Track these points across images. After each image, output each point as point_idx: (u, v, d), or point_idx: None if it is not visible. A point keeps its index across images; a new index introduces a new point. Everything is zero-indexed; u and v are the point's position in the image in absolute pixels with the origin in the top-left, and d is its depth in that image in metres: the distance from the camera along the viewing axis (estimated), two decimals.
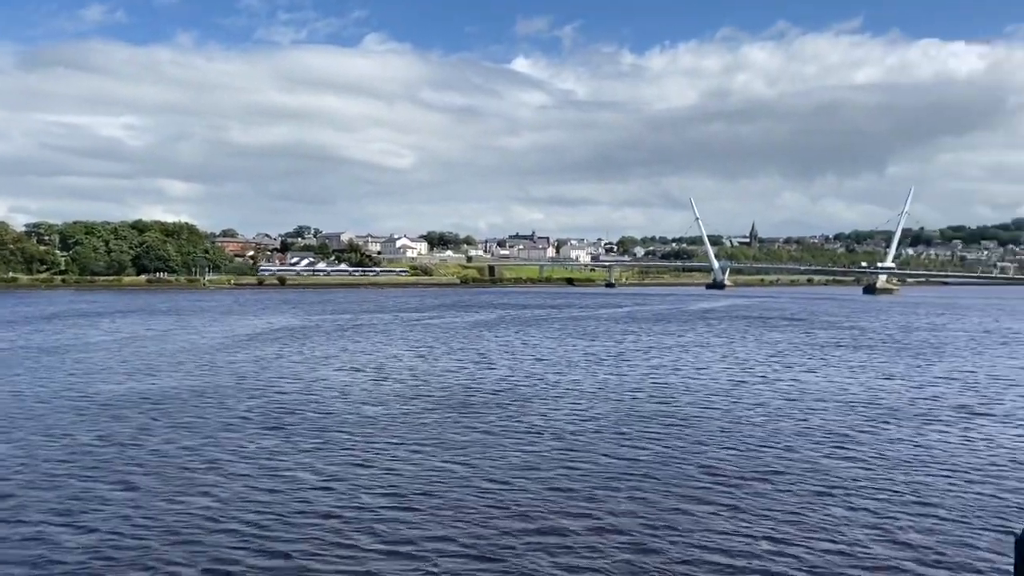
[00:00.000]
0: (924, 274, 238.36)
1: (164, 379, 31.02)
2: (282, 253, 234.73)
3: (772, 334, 57.44)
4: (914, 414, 24.00)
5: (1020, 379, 32.66)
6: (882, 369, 35.78)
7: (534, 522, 13.31)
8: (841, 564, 11.55)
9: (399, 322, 68.94)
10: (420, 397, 26.88)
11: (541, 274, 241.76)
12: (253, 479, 15.96)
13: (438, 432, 20.85)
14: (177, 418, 22.60)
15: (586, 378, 31.93)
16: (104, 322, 65.55)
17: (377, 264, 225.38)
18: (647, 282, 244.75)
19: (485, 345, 46.82)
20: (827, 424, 22.24)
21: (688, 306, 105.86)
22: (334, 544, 12.26)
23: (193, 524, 13.13)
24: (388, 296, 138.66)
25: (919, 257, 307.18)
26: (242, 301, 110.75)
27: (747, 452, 18.68)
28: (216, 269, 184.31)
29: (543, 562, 11.56)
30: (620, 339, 52.00)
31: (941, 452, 18.82)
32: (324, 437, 20.12)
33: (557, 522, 13.31)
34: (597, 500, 14.60)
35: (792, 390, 28.86)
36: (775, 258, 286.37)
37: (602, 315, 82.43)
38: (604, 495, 14.92)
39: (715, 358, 40.10)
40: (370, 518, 13.50)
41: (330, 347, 45.23)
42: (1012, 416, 23.85)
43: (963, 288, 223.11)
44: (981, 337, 55.94)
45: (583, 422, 22.34)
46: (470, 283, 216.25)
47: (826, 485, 15.77)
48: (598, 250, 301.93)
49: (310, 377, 31.87)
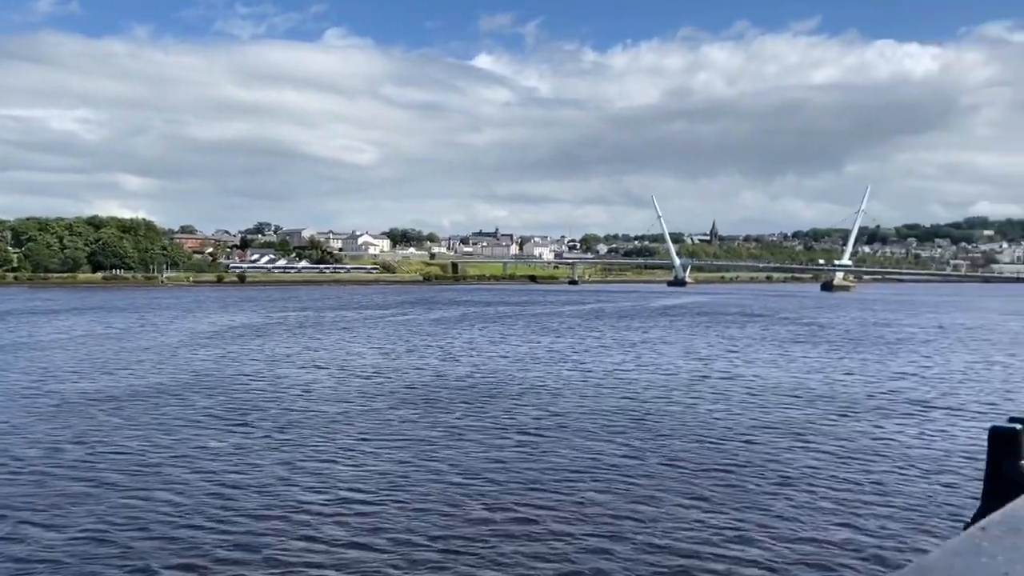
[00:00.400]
0: (880, 271, 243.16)
1: (123, 378, 30.53)
2: (242, 250, 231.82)
3: (732, 330, 58.21)
4: (871, 407, 24.53)
5: (972, 373, 33.53)
6: (840, 364, 36.48)
7: (502, 515, 13.39)
8: (803, 550, 11.81)
9: (362, 319, 68.56)
10: (385, 394, 26.82)
11: (505, 271, 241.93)
12: (216, 476, 15.82)
13: (403, 428, 20.83)
14: (137, 417, 22.28)
15: (551, 374, 32.10)
16: (59, 320, 64.23)
17: (339, 261, 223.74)
18: (610, 279, 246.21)
19: (450, 342, 46.80)
20: (787, 418, 22.65)
21: (650, 303, 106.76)
22: (302, 538, 12.23)
23: (156, 522, 12.99)
24: (351, 293, 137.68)
25: (875, 255, 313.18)
26: (202, 299, 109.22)
27: (710, 445, 18.96)
28: (175, 266, 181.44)
29: (511, 554, 11.65)
30: (584, 335, 52.31)
31: (897, 444, 19.29)
32: (288, 434, 20.00)
33: (524, 515, 13.41)
34: (564, 493, 14.73)
35: (753, 385, 29.31)
36: (735, 256, 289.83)
37: (566, 312, 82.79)
38: (570, 488, 15.05)
39: (678, 354, 40.54)
40: (337, 513, 13.47)
41: (293, 344, 44.86)
42: (964, 409, 24.50)
43: (917, 285, 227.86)
44: (935, 333, 57.27)
45: (548, 417, 22.48)
46: (433, 280, 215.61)
47: (787, 476, 16.08)
48: (561, 248, 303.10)
49: (273, 375, 31.60)
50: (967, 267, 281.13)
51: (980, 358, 39.56)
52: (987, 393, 27.74)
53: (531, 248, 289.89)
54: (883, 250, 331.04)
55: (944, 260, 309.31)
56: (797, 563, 11.40)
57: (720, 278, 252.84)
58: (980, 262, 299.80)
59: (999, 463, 1.36)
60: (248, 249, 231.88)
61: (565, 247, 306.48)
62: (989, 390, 28.47)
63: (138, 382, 29.15)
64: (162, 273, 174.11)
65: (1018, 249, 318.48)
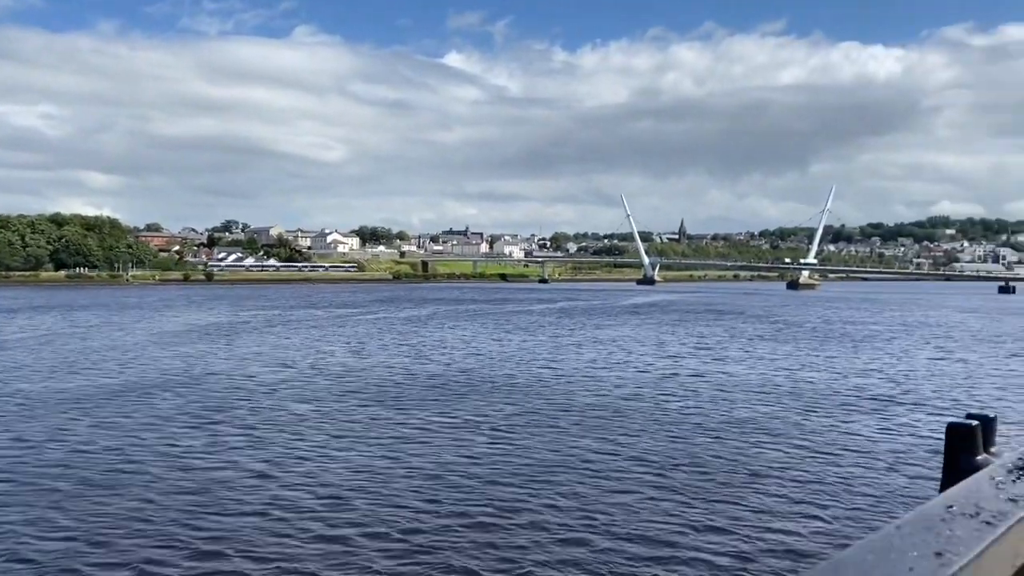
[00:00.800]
0: (844, 270, 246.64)
1: (91, 377, 30.14)
2: (209, 248, 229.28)
3: (701, 327, 58.80)
4: (837, 403, 24.98)
5: (934, 370, 34.23)
6: (806, 361, 37.05)
7: (472, 514, 13.48)
8: (771, 541, 12.05)
9: (333, 318, 68.22)
10: (356, 392, 26.77)
11: (475, 270, 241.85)
12: (188, 474, 15.73)
13: (376, 425, 20.84)
14: (106, 416, 22.04)
15: (521, 372, 32.24)
16: (22, 319, 63.14)
17: (308, 259, 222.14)
18: (580, 278, 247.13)
19: (420, 340, 46.75)
20: (755, 413, 23.00)
21: (620, 301, 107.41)
22: (276, 535, 12.22)
23: (128, 519, 12.90)
24: (320, 292, 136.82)
25: (840, 253, 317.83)
26: (168, 297, 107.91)
27: (680, 440, 19.20)
28: (140, 265, 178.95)
29: (481, 553, 11.75)
30: (555, 333, 52.54)
31: (861, 438, 19.69)
32: (259, 432, 19.91)
33: (495, 513, 13.51)
34: (534, 490, 14.85)
35: (722, 381, 29.67)
36: (703, 254, 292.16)
37: (536, 310, 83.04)
38: (541, 486, 15.19)
39: (648, 351, 40.89)
40: (305, 514, 13.47)
41: (263, 343, 44.54)
42: (926, 405, 25.04)
43: (881, 283, 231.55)
44: (899, 330, 58.31)
45: (520, 414, 22.61)
46: (403, 279, 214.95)
47: (754, 470, 16.36)
48: (531, 246, 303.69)
49: (243, 373, 31.38)
50: (929, 266, 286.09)
51: (942, 355, 40.38)
52: (948, 389, 28.36)
53: (501, 247, 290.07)
54: (848, 249, 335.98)
55: (907, 259, 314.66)
56: (763, 553, 11.63)
57: (688, 276, 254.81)
58: (942, 261, 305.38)
59: (955, 458, 1.49)
60: (215, 247, 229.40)
61: (535, 246, 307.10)
62: (950, 386, 29.11)
63: (106, 381, 28.80)
64: (127, 272, 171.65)
65: (979, 248, 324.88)
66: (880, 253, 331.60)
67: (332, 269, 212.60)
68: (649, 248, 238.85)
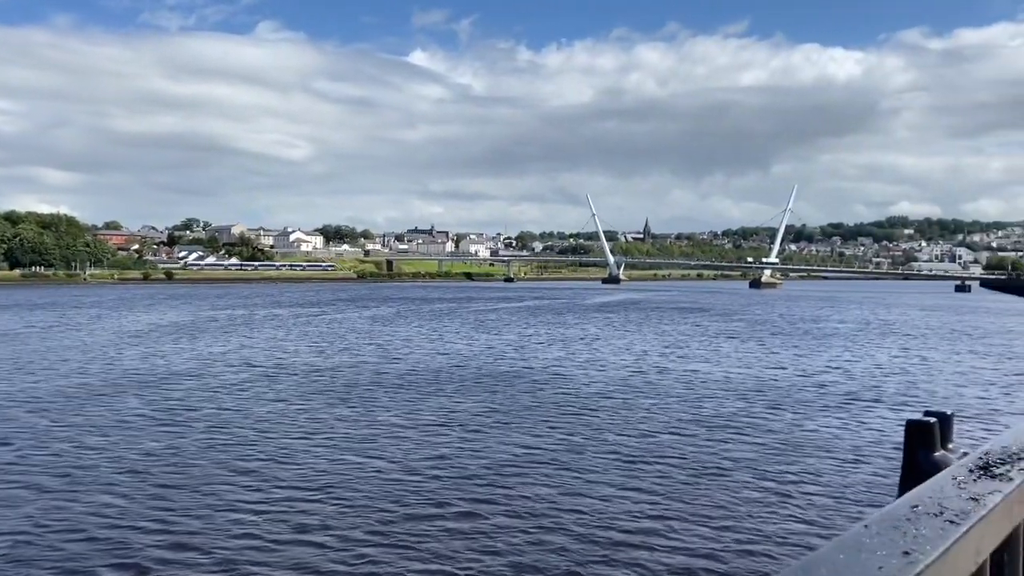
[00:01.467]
0: (806, 269, 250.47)
1: (48, 378, 29.51)
2: (170, 247, 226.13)
3: (666, 326, 59.26)
4: (800, 400, 25.32)
5: (894, 367, 34.86)
6: (769, 358, 37.52)
7: (444, 509, 13.45)
8: (730, 536, 12.18)
9: (296, 317, 67.60)
10: (321, 391, 26.56)
11: (440, 269, 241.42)
12: (151, 476, 15.47)
13: (341, 425, 20.69)
14: (64, 418, 21.59)
15: (489, 370, 32.22)
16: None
17: (270, 258, 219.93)
18: (545, 277, 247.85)
19: (387, 339, 46.51)
20: (719, 410, 23.23)
21: (585, 300, 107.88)
22: (240, 536, 12.07)
23: (89, 523, 12.65)
24: (283, 291, 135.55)
25: (801, 253, 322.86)
26: (128, 296, 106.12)
27: (645, 437, 19.33)
28: (98, 263, 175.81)
29: (453, 547, 11.73)
30: (522, 332, 52.59)
31: (824, 435, 19.99)
32: (222, 433, 19.65)
33: (467, 508, 13.49)
34: (505, 487, 14.86)
35: (687, 379, 29.92)
36: (667, 253, 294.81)
37: (503, 309, 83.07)
38: (512, 482, 15.20)
39: (613, 349, 41.11)
40: (274, 510, 13.32)
41: (225, 343, 43.99)
42: (887, 401, 25.49)
43: (841, 282, 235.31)
44: (859, 328, 59.32)
45: (487, 413, 22.60)
46: (367, 278, 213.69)
47: (718, 466, 16.52)
48: (497, 245, 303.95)
49: (205, 374, 30.96)
50: (888, 265, 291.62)
51: (901, 352, 41.15)
52: (908, 386, 28.90)
53: (467, 245, 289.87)
54: (809, 248, 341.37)
55: (867, 258, 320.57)
56: (725, 549, 11.76)
57: (653, 275, 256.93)
58: (900, 260, 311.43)
59: (914, 454, 1.54)
60: (176, 246, 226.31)
61: (501, 245, 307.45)
62: (910, 383, 29.66)
63: (64, 382, 28.22)
64: (85, 270, 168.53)
65: (936, 248, 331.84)
66: (840, 252, 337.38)
67: (295, 268, 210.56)
68: (614, 247, 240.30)
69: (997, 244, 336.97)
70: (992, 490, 1.13)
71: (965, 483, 1.14)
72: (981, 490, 1.12)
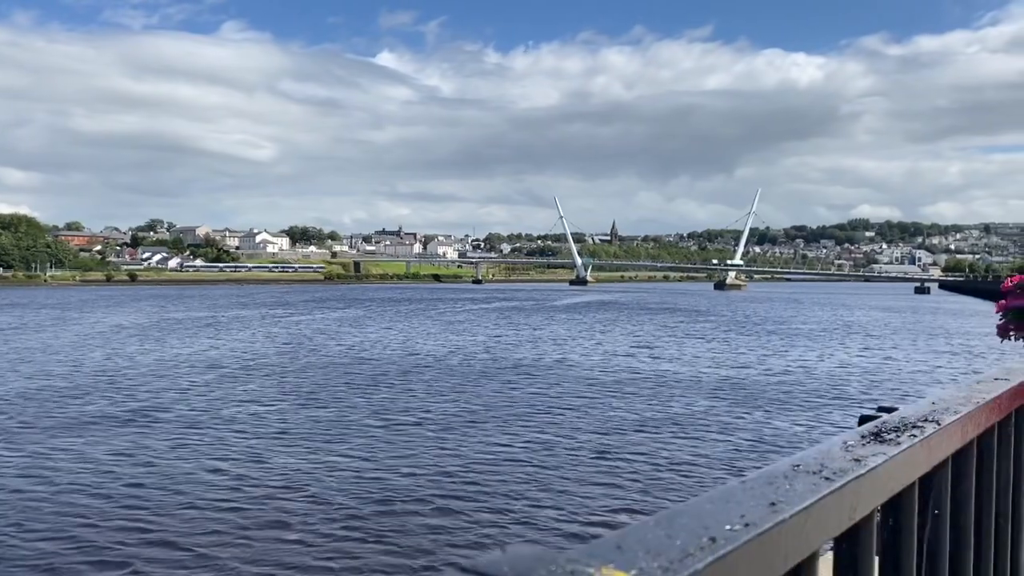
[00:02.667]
0: (769, 271, 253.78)
1: (6, 381, 29.04)
2: (133, 248, 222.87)
3: (632, 326, 59.76)
4: (762, 397, 25.76)
5: (855, 364, 35.56)
6: (732, 358, 38.05)
7: (422, 505, 13.56)
8: None
9: (263, 319, 67.07)
10: (290, 393, 26.47)
11: (408, 270, 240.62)
12: (117, 478, 15.37)
13: (310, 426, 20.67)
14: (27, 420, 21.30)
15: (459, 370, 32.31)
16: None
17: (236, 260, 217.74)
18: (514, 278, 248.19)
19: (354, 340, 46.37)
20: (684, 409, 23.57)
21: (553, 301, 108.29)
22: (208, 532, 12.08)
23: (53, 526, 12.58)
24: (249, 292, 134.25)
25: (765, 255, 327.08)
26: (89, 298, 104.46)
27: (611, 434, 19.58)
28: (60, 265, 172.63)
29: (427, 542, 11.85)
30: (491, 333, 52.71)
31: (783, 429, 20.42)
32: (188, 435, 19.54)
33: (442, 504, 13.62)
34: (479, 483, 15.00)
35: (652, 377, 30.26)
36: (634, 255, 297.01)
37: (472, 309, 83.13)
38: (485, 478, 15.34)
39: (581, 349, 41.39)
40: (241, 509, 13.34)
41: (190, 345, 43.56)
42: (845, 397, 26.07)
43: (805, 284, 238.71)
44: (821, 328, 60.30)
45: (455, 412, 22.71)
46: (335, 279, 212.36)
47: (682, 461, 16.83)
48: (465, 247, 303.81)
49: (169, 376, 30.68)
50: (850, 267, 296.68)
51: (862, 351, 41.98)
52: (868, 384, 29.54)
53: (435, 247, 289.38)
54: (773, 250, 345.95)
55: (829, 260, 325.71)
56: None
57: (620, 277, 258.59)
58: (862, 262, 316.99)
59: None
60: (139, 247, 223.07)
61: (469, 246, 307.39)
62: (870, 381, 30.31)
63: (26, 384, 27.78)
64: (45, 272, 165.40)
65: (896, 250, 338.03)
66: (804, 255, 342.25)
67: (260, 269, 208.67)
68: (582, 249, 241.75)
69: (955, 247, 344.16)
70: (877, 452, 1.17)
71: (853, 446, 1.19)
72: (866, 453, 1.16)
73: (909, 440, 1.27)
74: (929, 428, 1.36)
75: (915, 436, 1.30)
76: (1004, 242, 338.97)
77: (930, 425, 1.38)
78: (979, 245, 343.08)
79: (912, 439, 1.28)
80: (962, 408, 1.55)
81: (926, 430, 1.35)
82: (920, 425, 1.37)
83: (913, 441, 1.27)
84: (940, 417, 1.44)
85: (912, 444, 1.26)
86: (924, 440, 1.31)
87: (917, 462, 1.33)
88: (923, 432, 1.33)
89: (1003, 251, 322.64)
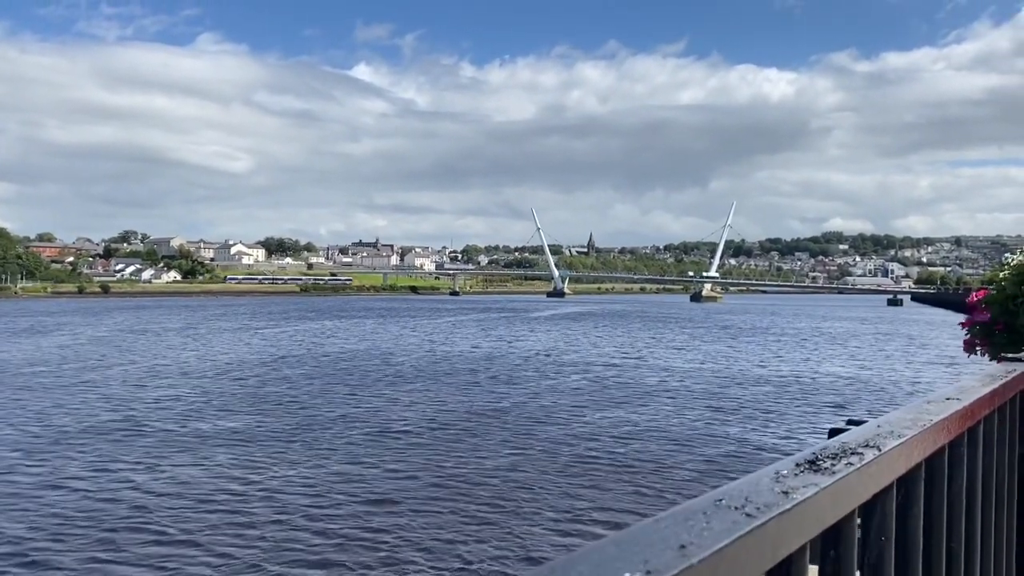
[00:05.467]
0: (745, 283, 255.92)
1: None
2: (106, 259, 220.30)
3: (608, 337, 59.91)
4: (735, 408, 25.92)
5: (828, 376, 35.87)
6: (705, 368, 38.24)
7: (407, 517, 13.47)
8: None
9: (238, 330, 66.51)
10: (266, 405, 26.23)
11: (385, 282, 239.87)
12: (88, 493, 15.14)
13: (285, 436, 20.50)
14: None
15: (436, 382, 32.20)
16: None
17: (211, 271, 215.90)
18: (491, 290, 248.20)
19: (330, 351, 46.09)
20: (661, 419, 23.65)
21: (531, 313, 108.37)
22: (176, 544, 11.93)
23: (21, 540, 12.37)
24: (224, 304, 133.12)
25: (740, 267, 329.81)
26: (60, 310, 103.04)
27: (586, 443, 19.58)
28: (31, 276, 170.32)
29: (410, 550, 11.77)
30: (471, 345, 52.62)
31: (757, 440, 20.53)
32: (160, 447, 19.31)
33: (425, 515, 13.54)
34: (464, 492, 14.92)
35: (630, 387, 30.33)
36: (611, 267, 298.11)
37: (448, 322, 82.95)
38: (469, 488, 15.26)
39: (558, 362, 41.41)
40: (219, 525, 13.19)
41: (162, 358, 43.08)
42: (819, 410, 26.28)
43: (779, 296, 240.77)
44: (797, 339, 60.80)
45: (439, 426, 22.62)
46: (311, 291, 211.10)
47: (658, 469, 16.87)
48: (443, 258, 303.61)
49: (140, 390, 30.31)
50: (824, 279, 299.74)
51: (837, 363, 42.35)
52: (840, 395, 29.79)
53: (412, 259, 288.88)
54: (748, 263, 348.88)
55: (803, 272, 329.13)
56: None
57: (597, 289, 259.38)
58: (836, 275, 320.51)
59: None
60: (113, 258, 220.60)
61: (446, 258, 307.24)
62: (842, 392, 30.57)
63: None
64: (16, 283, 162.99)
65: (869, 263, 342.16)
66: (779, 267, 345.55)
67: (233, 281, 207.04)
68: (559, 261, 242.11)
69: (927, 259, 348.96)
70: (809, 483, 1.10)
71: (785, 477, 1.13)
72: (797, 484, 1.09)
73: (846, 468, 1.22)
74: (869, 454, 1.33)
75: (851, 465, 1.25)
76: (975, 255, 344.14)
77: (870, 451, 1.35)
78: (950, 258, 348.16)
79: (849, 467, 1.23)
80: (907, 432, 1.53)
81: (865, 456, 1.31)
82: (859, 452, 1.33)
83: (850, 469, 1.23)
84: (882, 442, 1.42)
85: (848, 472, 1.22)
86: (863, 467, 1.27)
87: (855, 491, 1.27)
88: (862, 459, 1.29)
89: (974, 263, 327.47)
